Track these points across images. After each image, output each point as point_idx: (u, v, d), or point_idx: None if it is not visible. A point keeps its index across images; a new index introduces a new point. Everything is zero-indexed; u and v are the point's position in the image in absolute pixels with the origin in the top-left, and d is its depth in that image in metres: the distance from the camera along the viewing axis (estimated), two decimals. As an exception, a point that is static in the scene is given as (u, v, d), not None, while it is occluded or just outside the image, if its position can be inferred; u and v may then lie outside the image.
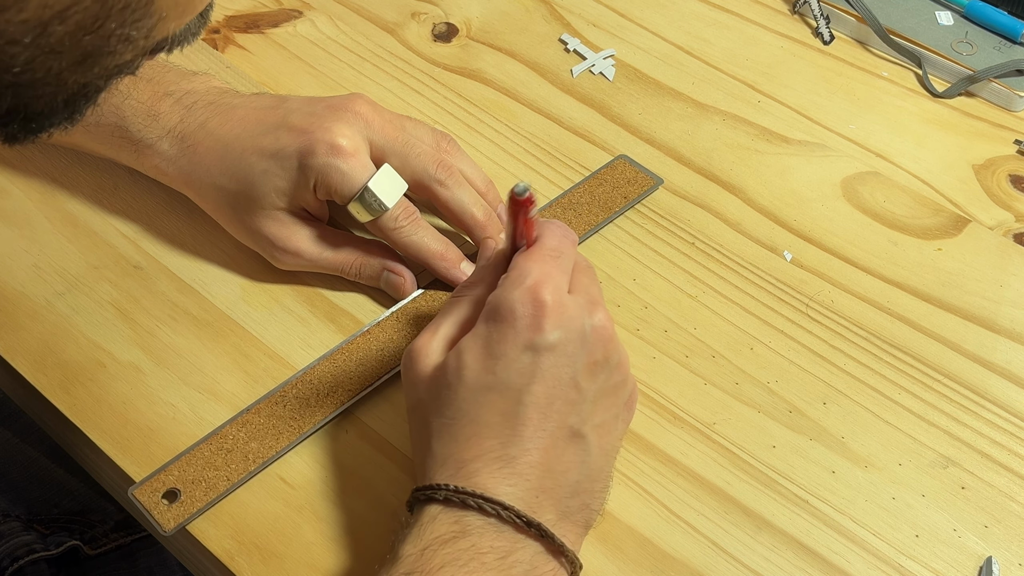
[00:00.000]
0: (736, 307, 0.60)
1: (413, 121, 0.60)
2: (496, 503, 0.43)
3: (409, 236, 0.57)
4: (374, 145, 0.57)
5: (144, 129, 0.58)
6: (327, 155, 0.55)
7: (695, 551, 0.50)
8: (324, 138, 0.55)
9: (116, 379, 0.55)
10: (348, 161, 0.55)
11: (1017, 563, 0.51)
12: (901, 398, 0.56)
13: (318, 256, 0.58)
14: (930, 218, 0.65)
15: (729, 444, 0.54)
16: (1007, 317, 0.60)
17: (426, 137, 0.59)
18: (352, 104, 0.57)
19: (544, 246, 0.48)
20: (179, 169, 0.58)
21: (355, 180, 0.55)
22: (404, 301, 0.58)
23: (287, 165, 0.55)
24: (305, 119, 0.56)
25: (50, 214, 0.62)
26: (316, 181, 0.55)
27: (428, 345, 0.48)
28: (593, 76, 0.73)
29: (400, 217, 0.57)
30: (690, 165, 0.67)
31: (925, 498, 0.53)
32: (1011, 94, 0.71)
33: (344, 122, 0.56)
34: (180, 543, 0.52)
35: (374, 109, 0.57)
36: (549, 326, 0.45)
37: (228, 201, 0.58)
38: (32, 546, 0.68)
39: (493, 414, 0.45)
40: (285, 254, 0.58)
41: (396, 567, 0.42)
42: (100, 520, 0.73)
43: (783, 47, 0.76)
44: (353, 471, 0.53)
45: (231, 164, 0.57)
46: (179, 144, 0.58)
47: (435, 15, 0.77)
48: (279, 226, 0.57)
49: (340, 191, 0.55)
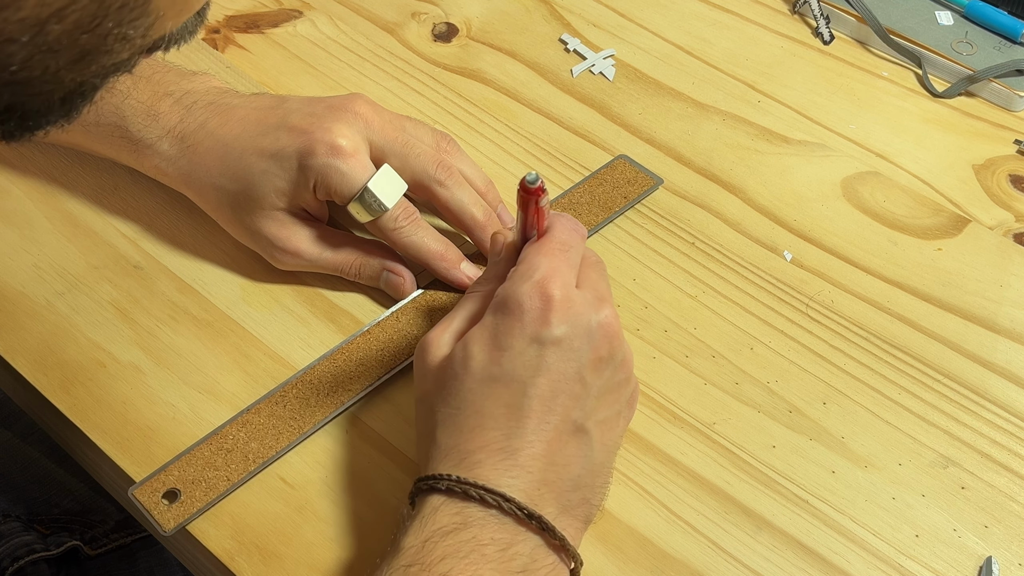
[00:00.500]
0: (736, 307, 0.60)
1: (413, 121, 0.60)
2: (497, 495, 0.43)
3: (409, 236, 0.57)
4: (374, 145, 0.57)
5: (144, 129, 0.58)
6: (327, 155, 0.55)
7: (695, 551, 0.50)
8: (324, 138, 0.55)
9: (116, 379, 0.55)
10: (348, 161, 0.55)
11: (1017, 563, 0.51)
12: (901, 398, 0.56)
13: (318, 256, 0.58)
14: (930, 218, 0.65)
15: (729, 444, 0.54)
16: (1007, 317, 0.60)
17: (426, 137, 0.59)
18: (352, 104, 0.57)
19: (553, 239, 0.49)
20: (179, 169, 0.58)
21: (355, 181, 0.55)
22: (404, 301, 0.58)
23: (287, 165, 0.55)
24: (305, 119, 0.56)
25: (50, 214, 0.62)
26: (316, 181, 0.55)
27: (440, 337, 0.49)
28: (593, 76, 0.73)
29: (400, 217, 0.57)
30: (690, 165, 0.67)
31: (925, 498, 0.53)
32: (1011, 94, 0.71)
33: (344, 122, 0.56)
34: (180, 543, 0.52)
35: (374, 109, 0.58)
36: (556, 320, 0.45)
37: (228, 201, 0.57)
38: (32, 546, 0.68)
39: (497, 405, 0.45)
40: (285, 254, 0.58)
41: (397, 559, 0.42)
42: (100, 520, 0.73)
43: (783, 47, 0.76)
44: (353, 471, 0.53)
45: (231, 164, 0.57)
46: (179, 144, 0.58)
47: (435, 15, 0.77)
48: (279, 226, 0.57)
49: (340, 191, 0.55)
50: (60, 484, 0.75)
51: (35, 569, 0.67)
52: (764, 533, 0.51)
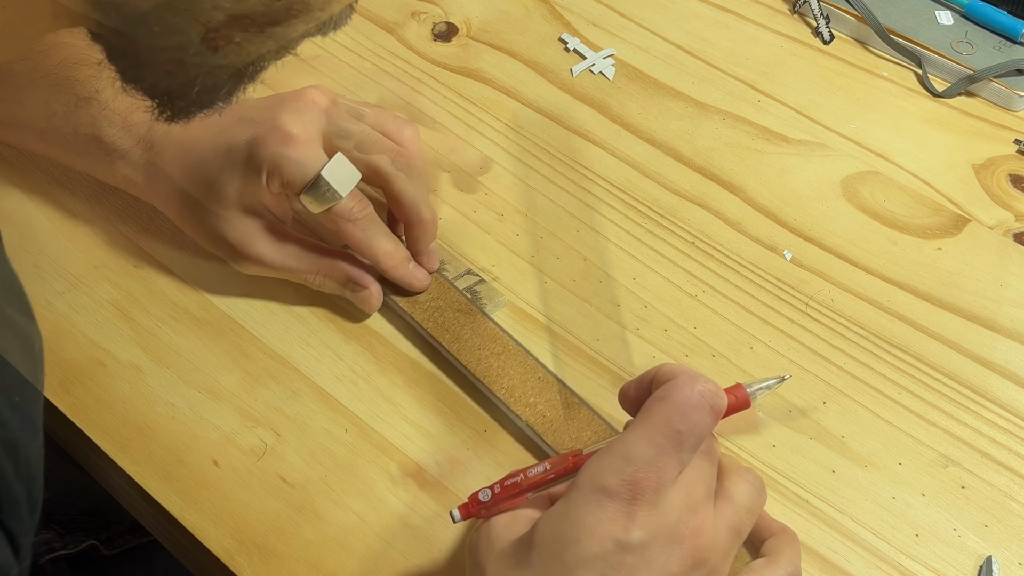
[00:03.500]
0: (736, 306, 0.60)
1: (374, 108, 0.58)
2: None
3: (364, 230, 0.56)
4: (329, 133, 0.56)
5: (117, 139, 0.57)
6: (277, 144, 0.53)
7: (695, 551, 0.50)
8: (273, 127, 0.54)
9: (116, 379, 0.55)
10: (298, 149, 0.53)
11: (1017, 563, 0.51)
12: (901, 397, 0.56)
13: (280, 263, 0.57)
14: (930, 218, 0.65)
15: (729, 444, 0.54)
16: (1007, 317, 0.60)
17: (387, 124, 0.58)
18: (305, 93, 0.56)
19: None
20: (147, 178, 0.58)
21: (307, 168, 0.53)
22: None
23: (238, 159, 0.54)
24: (258, 112, 0.55)
25: (50, 214, 0.62)
26: (268, 172, 0.54)
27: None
28: (593, 76, 0.73)
29: (355, 209, 0.55)
30: (690, 165, 0.67)
31: (925, 497, 0.53)
32: (1011, 94, 0.71)
33: (295, 111, 0.55)
34: (181, 543, 0.52)
35: (329, 97, 0.56)
36: None
37: (190, 207, 0.57)
38: (51, 544, 0.68)
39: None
40: (247, 260, 0.57)
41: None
42: (116, 521, 0.73)
43: (783, 47, 0.76)
44: (353, 471, 0.53)
45: (191, 168, 0.56)
46: (147, 153, 0.57)
47: (435, 15, 0.77)
48: (240, 232, 0.56)
49: (292, 180, 0.53)
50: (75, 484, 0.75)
51: (55, 567, 0.67)
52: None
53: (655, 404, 0.42)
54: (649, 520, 0.40)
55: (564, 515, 0.40)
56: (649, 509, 0.40)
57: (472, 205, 0.64)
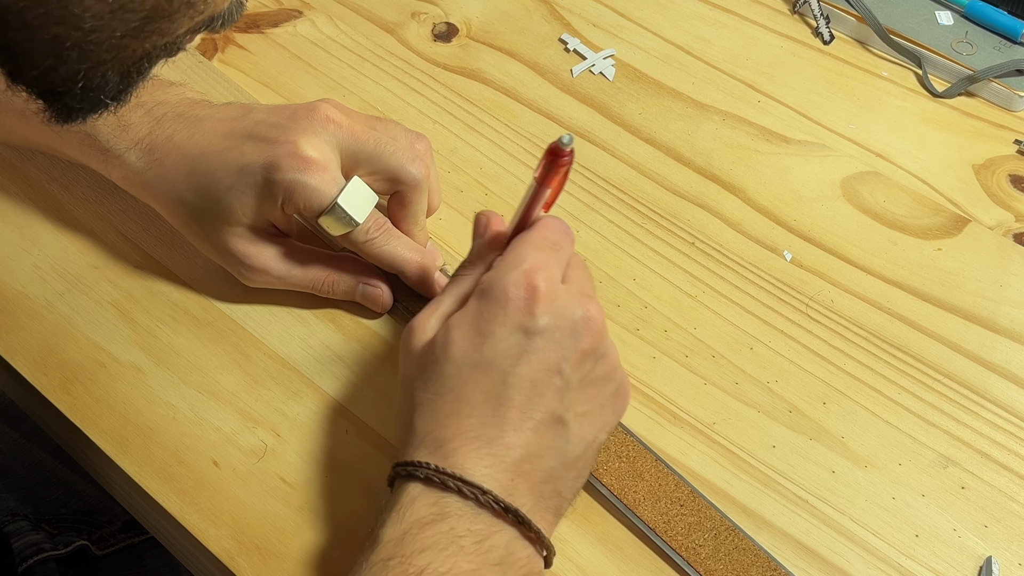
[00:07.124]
0: (736, 307, 0.60)
1: (385, 121, 0.58)
2: (475, 487, 0.43)
3: (382, 247, 0.56)
4: (345, 150, 0.55)
5: (113, 139, 0.57)
6: (294, 171, 0.52)
7: (695, 551, 0.50)
8: (290, 151, 0.53)
9: (116, 379, 0.55)
10: (316, 176, 0.53)
11: (1017, 563, 0.51)
12: (901, 398, 0.56)
13: (287, 274, 0.56)
14: (930, 218, 0.65)
15: (729, 444, 0.54)
16: (1007, 317, 0.60)
17: (400, 137, 0.57)
18: (319, 110, 0.55)
19: (543, 234, 0.48)
20: (146, 181, 0.57)
21: (324, 196, 0.53)
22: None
23: (252, 181, 0.53)
24: (270, 130, 0.54)
25: (50, 214, 0.62)
26: (284, 198, 0.53)
27: (426, 321, 0.48)
28: (593, 76, 0.73)
29: (371, 230, 0.55)
30: (690, 165, 0.67)
31: (925, 498, 0.53)
32: (1011, 94, 0.71)
33: (311, 132, 0.54)
34: (181, 543, 0.52)
35: (342, 112, 0.55)
36: (540, 311, 0.45)
37: (195, 216, 0.56)
38: (41, 545, 0.68)
39: (476, 393, 0.45)
40: (253, 272, 0.56)
41: (376, 552, 0.43)
42: (108, 520, 0.73)
43: (783, 47, 0.76)
44: (353, 471, 0.53)
45: (197, 179, 0.55)
46: (147, 156, 0.56)
47: (435, 15, 0.77)
48: (246, 243, 0.55)
49: (309, 207, 0.53)
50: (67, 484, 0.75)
51: (44, 568, 0.67)
52: (764, 533, 0.51)
53: (528, 232, 0.49)
54: (550, 308, 0.46)
55: (477, 314, 0.46)
56: (548, 300, 0.46)
57: (472, 206, 0.64)
